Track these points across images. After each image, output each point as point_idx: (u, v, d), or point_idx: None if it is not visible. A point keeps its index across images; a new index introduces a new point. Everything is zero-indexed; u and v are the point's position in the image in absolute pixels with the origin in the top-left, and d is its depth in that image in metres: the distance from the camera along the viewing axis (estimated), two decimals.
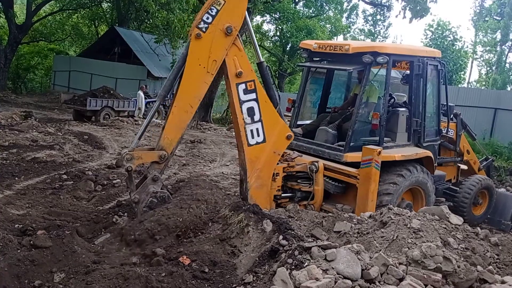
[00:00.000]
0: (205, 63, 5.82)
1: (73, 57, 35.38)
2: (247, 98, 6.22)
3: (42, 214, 6.42)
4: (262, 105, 6.31)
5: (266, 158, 6.45)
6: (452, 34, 43.76)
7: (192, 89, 5.85)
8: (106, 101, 19.20)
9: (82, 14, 36.35)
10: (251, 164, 6.37)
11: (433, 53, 8.06)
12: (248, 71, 6.21)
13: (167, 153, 5.85)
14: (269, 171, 6.54)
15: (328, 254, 3.93)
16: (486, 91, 25.50)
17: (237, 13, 5.93)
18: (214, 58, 5.86)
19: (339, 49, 7.12)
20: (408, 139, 7.59)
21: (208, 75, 5.86)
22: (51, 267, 4.36)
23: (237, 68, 6.08)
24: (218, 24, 5.80)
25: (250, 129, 6.29)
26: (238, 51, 6.09)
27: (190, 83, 5.82)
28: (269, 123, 6.39)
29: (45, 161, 9.76)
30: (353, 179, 6.78)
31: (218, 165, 12.13)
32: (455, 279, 4.04)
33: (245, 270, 4.38)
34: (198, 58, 5.80)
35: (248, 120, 6.27)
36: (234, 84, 6.14)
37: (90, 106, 18.48)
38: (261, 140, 6.37)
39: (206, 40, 5.79)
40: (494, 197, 9.33)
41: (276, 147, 6.49)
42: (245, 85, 6.18)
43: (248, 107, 6.24)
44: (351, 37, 48.94)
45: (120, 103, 19.82)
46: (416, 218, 4.84)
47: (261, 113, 6.31)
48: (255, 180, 6.41)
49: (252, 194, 6.39)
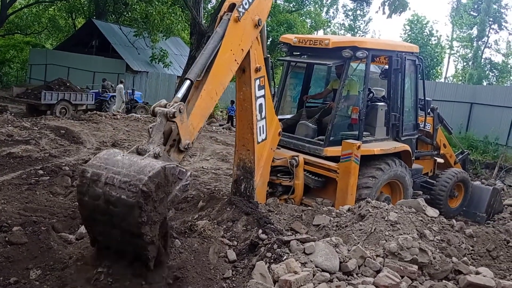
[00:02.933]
0: (236, 50, 5.35)
1: (49, 50, 34.64)
2: (260, 94, 6.02)
3: (18, 210, 6.28)
4: (267, 102, 6.18)
5: (267, 155, 6.36)
6: (428, 29, 44.42)
7: (221, 75, 5.21)
8: (62, 94, 18.15)
9: (59, 7, 35.68)
10: (258, 162, 6.15)
11: (411, 48, 8.15)
12: (263, 66, 6.01)
13: (190, 141, 4.70)
14: (268, 168, 6.46)
15: (306, 248, 3.96)
16: (462, 86, 25.94)
17: (266, 8, 5.80)
18: (243, 47, 5.45)
19: (319, 43, 7.15)
20: (387, 133, 7.68)
21: (234, 63, 5.38)
22: (27, 263, 4.28)
23: (257, 63, 5.86)
24: (252, 13, 5.50)
25: (259, 126, 6.11)
26: (258, 45, 5.86)
27: (221, 67, 5.18)
28: (269, 120, 6.27)
29: (21, 156, 9.55)
30: (333, 173, 6.83)
31: (198, 160, 12.07)
32: (431, 270, 4.13)
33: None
34: (232, 43, 5.29)
35: (258, 116, 6.05)
36: (253, 79, 5.87)
37: (44, 99, 17.47)
38: (264, 137, 6.23)
39: (241, 26, 5.39)
40: (469, 190, 9.53)
41: (273, 144, 6.45)
42: (259, 80, 5.97)
43: (260, 103, 6.05)
44: (331, 31, 49.23)
45: (78, 96, 18.80)
46: (394, 211, 4.92)
47: (266, 110, 6.16)
48: (260, 178, 6.24)
49: (258, 193, 6.20)
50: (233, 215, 5.08)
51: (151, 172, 3.66)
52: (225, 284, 4.02)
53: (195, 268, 4.14)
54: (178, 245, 4.33)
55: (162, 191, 3.76)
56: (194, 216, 5.43)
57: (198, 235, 4.66)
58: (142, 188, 3.53)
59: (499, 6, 41.68)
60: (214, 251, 4.37)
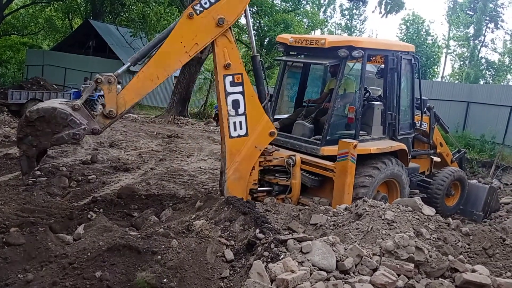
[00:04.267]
0: (187, 43, 5.90)
1: (46, 51, 34.53)
2: (233, 91, 6.30)
3: (15, 211, 6.30)
4: (247, 99, 6.37)
5: (247, 152, 6.51)
6: (425, 28, 44.48)
7: (166, 62, 5.87)
8: (33, 93, 17.09)
9: (55, 7, 35.48)
10: (230, 156, 6.43)
11: (407, 47, 8.17)
12: (237, 64, 6.30)
13: (116, 112, 5.62)
14: (248, 164, 6.57)
15: (303, 247, 3.98)
16: (459, 85, 25.99)
17: (234, 9, 6.11)
18: (197, 42, 5.95)
19: (315, 43, 7.16)
20: (383, 132, 7.70)
21: (185, 55, 5.95)
22: (24, 264, 4.29)
23: (226, 60, 6.18)
24: (213, 12, 5.94)
25: (233, 121, 6.36)
26: (228, 43, 6.19)
27: (166, 55, 5.86)
28: (253, 118, 6.45)
29: (18, 157, 9.53)
30: (330, 173, 6.85)
31: (196, 160, 12.08)
32: (427, 269, 4.15)
33: None
34: (182, 36, 5.88)
35: (232, 112, 6.33)
36: (222, 75, 6.23)
37: (12, 99, 16.62)
38: (244, 133, 6.43)
39: (196, 23, 5.91)
40: (466, 189, 9.56)
41: (258, 142, 6.55)
42: (232, 77, 6.26)
43: (234, 99, 6.31)
44: (328, 31, 49.26)
45: (52, 95, 17.63)
46: (390, 209, 4.93)
47: (246, 107, 6.37)
48: (233, 173, 6.46)
49: (228, 186, 6.44)
50: (231, 215, 5.10)
51: (41, 106, 5.23)
52: (223, 283, 4.04)
53: (193, 268, 4.15)
54: (176, 245, 4.34)
55: (47, 125, 5.16)
56: (191, 216, 5.44)
57: (195, 235, 4.67)
58: (27, 113, 5.21)
59: (495, 5, 41.78)
60: (212, 251, 4.38)
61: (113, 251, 4.19)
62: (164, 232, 4.74)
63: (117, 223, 5.99)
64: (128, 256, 4.14)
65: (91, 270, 4.01)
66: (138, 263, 4.08)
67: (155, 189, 8.57)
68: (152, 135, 15.39)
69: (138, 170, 10.12)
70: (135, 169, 10.08)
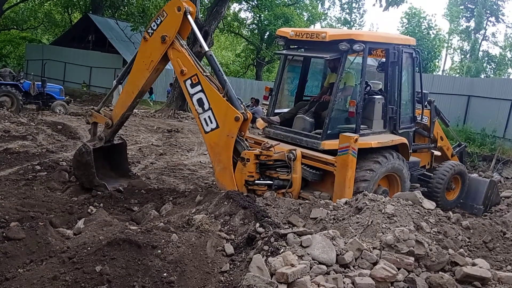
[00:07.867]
0: (146, 61, 7.14)
1: (46, 46, 34.47)
2: (195, 91, 6.87)
3: (15, 206, 6.29)
4: (208, 94, 6.80)
5: (223, 142, 6.77)
6: (428, 22, 44.29)
7: (135, 79, 7.30)
8: None
9: (54, 1, 35.41)
10: (211, 149, 6.92)
11: (408, 41, 8.14)
12: (189, 67, 6.91)
13: (112, 122, 7.41)
14: (227, 154, 6.76)
15: (303, 240, 3.97)
16: (459, 78, 25.92)
17: (172, 25, 6.94)
18: (152, 59, 7.10)
19: (315, 36, 7.13)
20: (384, 126, 7.68)
21: (146, 71, 7.15)
22: (25, 259, 4.29)
23: (180, 67, 6.90)
24: (159, 31, 6.98)
25: (204, 118, 6.84)
26: (178, 53, 6.97)
27: (134, 74, 7.33)
28: (218, 110, 6.78)
29: (18, 151, 9.53)
30: (331, 167, 6.83)
31: (196, 154, 12.08)
32: (427, 262, 4.14)
33: None
34: (143, 56, 7.22)
35: (200, 110, 6.86)
36: (182, 81, 6.96)
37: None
38: (215, 126, 6.80)
39: (150, 43, 7.11)
40: (466, 182, 9.54)
41: (228, 130, 6.73)
42: (190, 80, 6.89)
43: (198, 98, 6.87)
44: (328, 25, 49.09)
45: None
46: (390, 203, 4.92)
47: (209, 101, 6.81)
48: (217, 164, 6.85)
49: (217, 177, 6.88)
50: (231, 209, 5.10)
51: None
52: (223, 277, 4.04)
53: (193, 262, 4.15)
54: (176, 239, 4.34)
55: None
56: (191, 210, 5.44)
57: (195, 229, 4.67)
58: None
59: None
60: (212, 245, 4.38)
61: (113, 245, 4.18)
62: (164, 227, 4.73)
63: (117, 217, 6.00)
64: (128, 250, 4.14)
65: (91, 264, 4.01)
66: (138, 257, 4.08)
67: (155, 183, 8.57)
68: (152, 130, 15.38)
69: (138, 164, 10.12)
70: (135, 163, 10.08)
